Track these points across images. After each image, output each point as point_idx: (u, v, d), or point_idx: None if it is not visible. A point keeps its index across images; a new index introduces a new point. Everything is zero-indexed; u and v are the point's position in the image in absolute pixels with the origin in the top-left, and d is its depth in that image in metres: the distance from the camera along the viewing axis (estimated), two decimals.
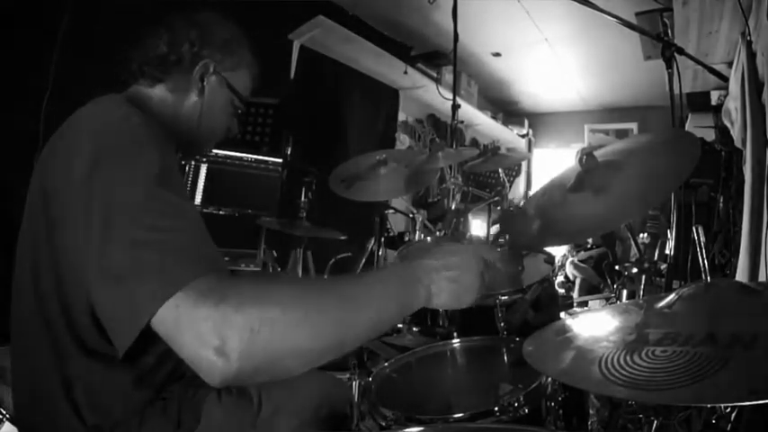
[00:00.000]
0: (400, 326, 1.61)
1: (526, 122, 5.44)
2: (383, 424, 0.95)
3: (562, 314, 1.63)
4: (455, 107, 2.39)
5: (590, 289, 3.60)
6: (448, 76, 3.75)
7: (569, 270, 3.77)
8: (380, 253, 2.45)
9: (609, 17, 1.52)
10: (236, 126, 1.07)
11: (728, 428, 0.83)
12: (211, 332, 0.56)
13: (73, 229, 0.70)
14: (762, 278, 1.77)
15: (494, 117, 4.87)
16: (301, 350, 0.62)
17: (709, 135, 3.01)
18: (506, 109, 5.37)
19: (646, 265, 1.24)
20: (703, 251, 0.83)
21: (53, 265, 0.77)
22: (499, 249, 0.87)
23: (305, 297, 0.64)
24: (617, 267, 1.34)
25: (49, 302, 0.77)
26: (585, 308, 2.98)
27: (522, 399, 0.92)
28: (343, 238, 2.31)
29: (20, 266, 0.84)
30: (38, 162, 0.84)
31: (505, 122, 5.15)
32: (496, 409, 0.90)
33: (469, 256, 0.80)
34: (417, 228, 2.20)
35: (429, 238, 1.99)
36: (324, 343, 0.64)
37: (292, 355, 0.62)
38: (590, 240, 3.65)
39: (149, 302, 0.59)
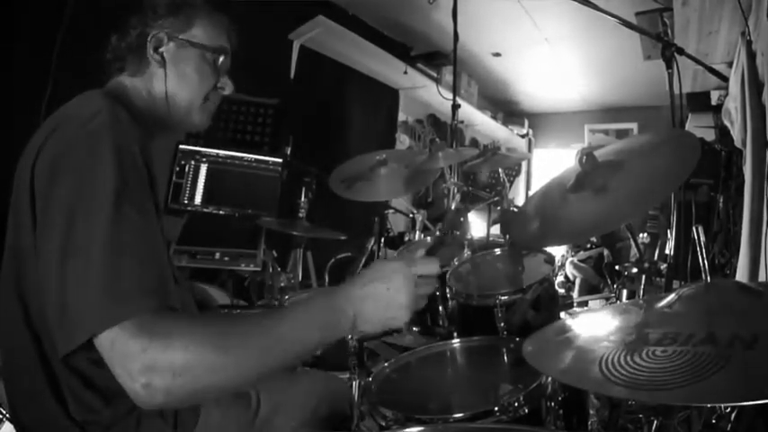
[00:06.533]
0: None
1: (526, 122, 5.44)
2: (383, 424, 0.95)
3: (562, 314, 1.62)
4: (455, 107, 2.39)
5: (590, 289, 3.59)
6: (448, 76, 3.75)
7: (569, 270, 3.77)
8: (380, 253, 2.45)
9: (609, 17, 1.52)
10: (230, 84, 1.02)
11: (728, 428, 0.83)
12: (139, 371, 0.63)
13: (38, 236, 0.73)
14: (762, 278, 1.77)
15: (493, 117, 4.87)
16: (221, 388, 0.70)
17: (710, 135, 3.01)
18: (506, 109, 5.38)
19: (646, 265, 1.24)
20: (703, 251, 0.83)
21: (26, 265, 0.77)
22: (427, 257, 0.85)
23: (228, 340, 0.68)
24: (617, 267, 1.34)
25: (28, 300, 0.77)
26: (585, 308, 2.97)
27: (522, 399, 0.91)
28: (343, 238, 2.30)
29: (3, 266, 0.84)
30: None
31: (505, 122, 5.15)
32: (496, 409, 0.90)
33: (396, 278, 0.79)
34: (417, 228, 2.20)
35: (429, 238, 1.99)
36: (244, 379, 0.71)
37: (213, 392, 0.70)
38: (593, 239, 3.65)
39: (87, 327, 0.64)
